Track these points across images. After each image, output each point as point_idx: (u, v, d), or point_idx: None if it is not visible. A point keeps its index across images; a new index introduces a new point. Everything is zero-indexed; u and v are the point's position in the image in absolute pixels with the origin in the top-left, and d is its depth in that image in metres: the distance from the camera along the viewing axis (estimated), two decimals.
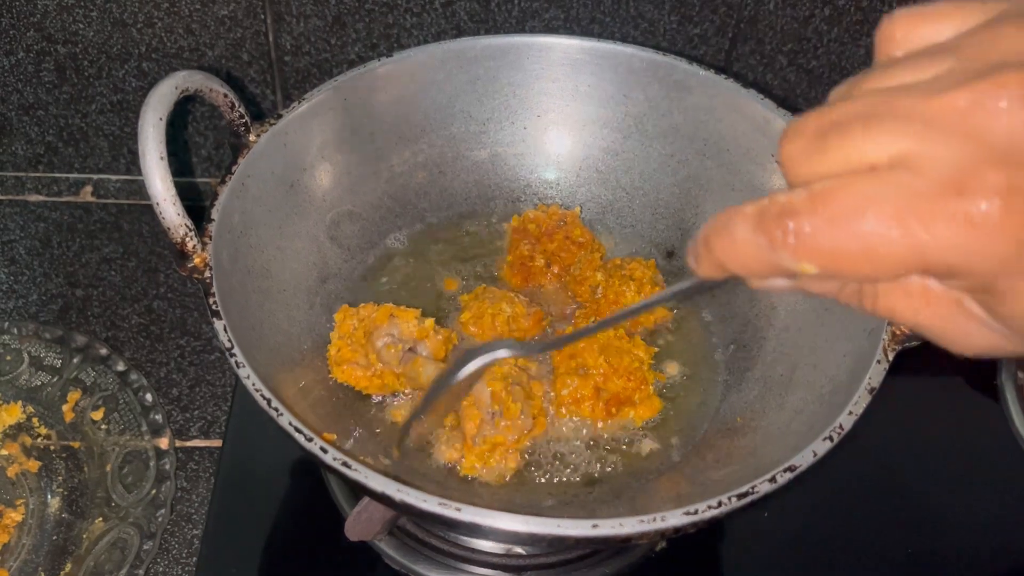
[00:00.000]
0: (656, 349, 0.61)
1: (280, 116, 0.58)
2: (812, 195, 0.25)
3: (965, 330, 0.27)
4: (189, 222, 0.48)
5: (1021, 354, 0.28)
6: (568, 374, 0.58)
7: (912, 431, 0.68)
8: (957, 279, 0.25)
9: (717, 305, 0.64)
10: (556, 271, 0.65)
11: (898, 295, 0.27)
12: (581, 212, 0.69)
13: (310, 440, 0.43)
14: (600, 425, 0.58)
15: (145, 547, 0.58)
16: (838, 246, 0.25)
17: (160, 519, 0.59)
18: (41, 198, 0.82)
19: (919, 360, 0.51)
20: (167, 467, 0.62)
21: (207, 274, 0.49)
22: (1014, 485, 0.66)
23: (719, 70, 0.63)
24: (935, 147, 0.24)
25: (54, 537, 0.59)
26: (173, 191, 0.47)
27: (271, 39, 0.73)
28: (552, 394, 0.58)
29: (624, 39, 0.69)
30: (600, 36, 0.68)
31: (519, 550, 0.57)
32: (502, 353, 0.46)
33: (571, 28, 0.73)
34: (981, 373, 0.72)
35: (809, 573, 0.60)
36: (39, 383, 0.67)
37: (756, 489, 0.42)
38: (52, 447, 0.64)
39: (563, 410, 0.58)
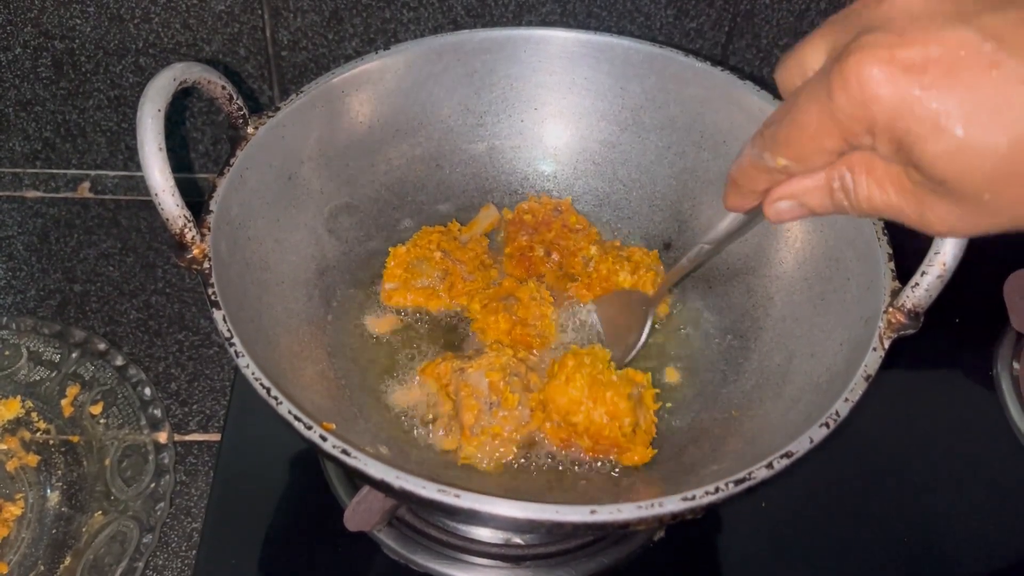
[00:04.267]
0: (649, 374, 0.58)
1: (278, 109, 0.58)
2: (778, 109, 0.36)
3: (926, 201, 0.33)
4: (188, 213, 0.48)
5: (991, 230, 0.34)
6: (554, 431, 0.56)
7: (909, 422, 0.68)
8: (878, 139, 0.32)
9: (715, 296, 0.64)
10: (557, 259, 0.65)
11: (867, 181, 0.34)
12: (578, 205, 0.69)
13: (310, 428, 0.43)
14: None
15: (144, 540, 0.58)
16: (790, 134, 0.34)
17: (159, 512, 0.60)
18: (39, 194, 0.82)
19: (915, 352, 0.51)
20: (166, 461, 0.62)
21: (206, 265, 0.49)
22: (1010, 474, 0.66)
23: (715, 63, 0.63)
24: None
25: (53, 531, 0.59)
26: (172, 182, 0.47)
27: (268, 34, 0.74)
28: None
29: (621, 33, 0.69)
30: (597, 29, 0.68)
31: (518, 540, 0.57)
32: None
33: (568, 22, 0.74)
34: (977, 364, 0.72)
35: (805, 562, 0.61)
36: (38, 378, 0.67)
37: (753, 475, 0.42)
38: (51, 441, 0.64)
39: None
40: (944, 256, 0.46)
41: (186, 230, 0.48)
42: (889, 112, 0.30)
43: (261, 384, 0.45)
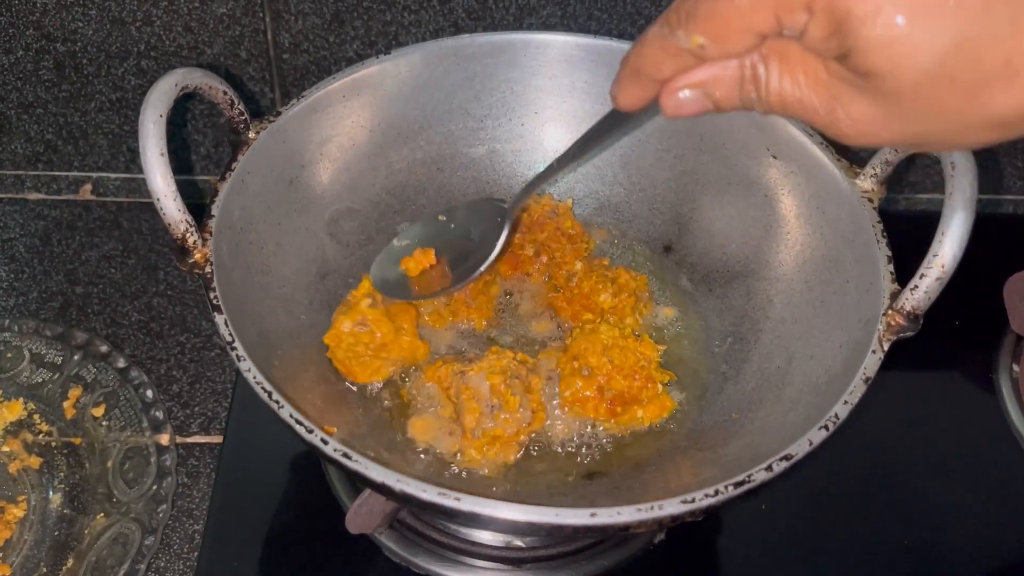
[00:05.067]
0: (665, 347, 0.61)
1: (279, 113, 0.59)
2: None
3: (841, 96, 0.31)
4: (190, 218, 0.49)
5: (900, 139, 0.31)
6: (572, 375, 0.57)
7: (908, 425, 0.68)
8: (814, 17, 0.29)
9: (714, 299, 0.64)
10: (545, 261, 0.65)
11: (779, 71, 0.32)
12: (579, 208, 0.69)
13: (311, 432, 0.43)
14: (601, 422, 0.58)
15: (146, 542, 0.58)
16: (716, 6, 0.31)
17: (161, 514, 0.60)
18: (41, 196, 0.82)
19: (915, 354, 0.51)
20: (168, 463, 0.63)
21: (208, 269, 0.50)
22: (1010, 478, 0.66)
23: None
24: None
25: (56, 533, 0.60)
26: (174, 187, 0.47)
27: (270, 37, 0.74)
28: (556, 395, 0.58)
29: (621, 36, 0.69)
30: (597, 33, 0.68)
31: (518, 542, 0.57)
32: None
33: (568, 25, 0.74)
34: (976, 366, 0.72)
35: (806, 565, 0.61)
36: (40, 380, 0.67)
37: (752, 477, 0.43)
38: (53, 443, 0.64)
39: (567, 409, 0.58)
40: (943, 258, 0.46)
41: (188, 234, 0.49)
42: None
43: (263, 388, 0.45)
